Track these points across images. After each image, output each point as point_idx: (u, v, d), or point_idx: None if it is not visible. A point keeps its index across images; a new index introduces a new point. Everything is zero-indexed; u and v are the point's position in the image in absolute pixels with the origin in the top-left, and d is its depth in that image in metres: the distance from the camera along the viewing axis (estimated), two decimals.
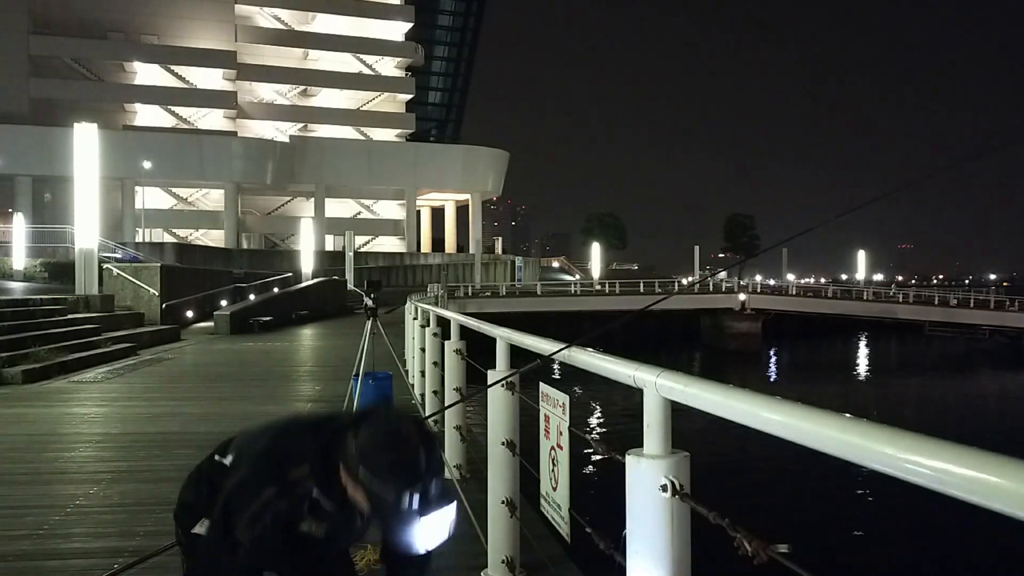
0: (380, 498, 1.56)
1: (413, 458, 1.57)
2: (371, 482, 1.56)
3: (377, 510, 1.59)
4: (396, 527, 1.58)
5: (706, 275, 55.68)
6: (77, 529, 4.16)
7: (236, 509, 1.64)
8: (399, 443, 1.59)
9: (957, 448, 0.90)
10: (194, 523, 1.84)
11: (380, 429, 1.62)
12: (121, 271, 18.51)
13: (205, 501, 1.81)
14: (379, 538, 1.90)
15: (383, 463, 1.56)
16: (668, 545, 1.52)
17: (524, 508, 3.34)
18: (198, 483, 1.91)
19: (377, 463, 1.56)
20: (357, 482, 1.59)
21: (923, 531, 10.10)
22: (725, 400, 1.38)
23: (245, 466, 1.72)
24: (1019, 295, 46.22)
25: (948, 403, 24.55)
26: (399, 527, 1.58)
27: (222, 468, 1.83)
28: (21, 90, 46.21)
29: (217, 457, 1.89)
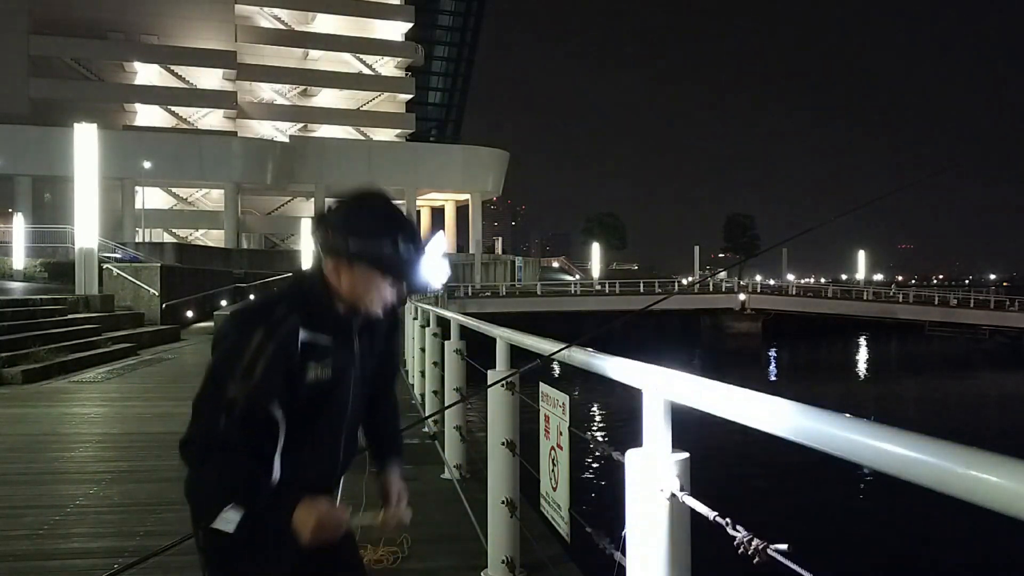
0: (379, 257, 1.60)
1: (388, 207, 1.66)
2: (365, 246, 1.60)
3: (378, 264, 1.61)
4: (406, 275, 1.63)
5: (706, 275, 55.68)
6: (77, 529, 4.16)
7: (225, 370, 1.57)
8: (369, 201, 1.66)
9: (957, 448, 0.90)
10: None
11: (346, 206, 1.66)
12: (121, 271, 18.52)
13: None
14: (378, 362, 1.83)
15: (367, 222, 1.62)
16: (668, 545, 1.52)
17: (524, 508, 3.34)
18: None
19: (362, 225, 1.61)
20: (351, 262, 1.62)
21: (923, 531, 10.10)
22: (725, 400, 1.38)
23: (223, 340, 1.64)
24: (1019, 295, 46.25)
25: (948, 403, 24.55)
26: (409, 274, 1.63)
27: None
28: (21, 90, 46.21)
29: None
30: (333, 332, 1.66)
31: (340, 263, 1.63)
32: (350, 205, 1.66)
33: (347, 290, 1.65)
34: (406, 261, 1.62)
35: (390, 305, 1.72)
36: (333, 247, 1.63)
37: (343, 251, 1.62)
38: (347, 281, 1.64)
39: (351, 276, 1.64)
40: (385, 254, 1.61)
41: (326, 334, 1.65)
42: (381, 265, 1.62)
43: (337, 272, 1.65)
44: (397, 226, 1.63)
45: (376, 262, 1.61)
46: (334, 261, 1.64)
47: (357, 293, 1.66)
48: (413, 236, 1.63)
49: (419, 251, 1.63)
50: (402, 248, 1.61)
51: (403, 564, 3.57)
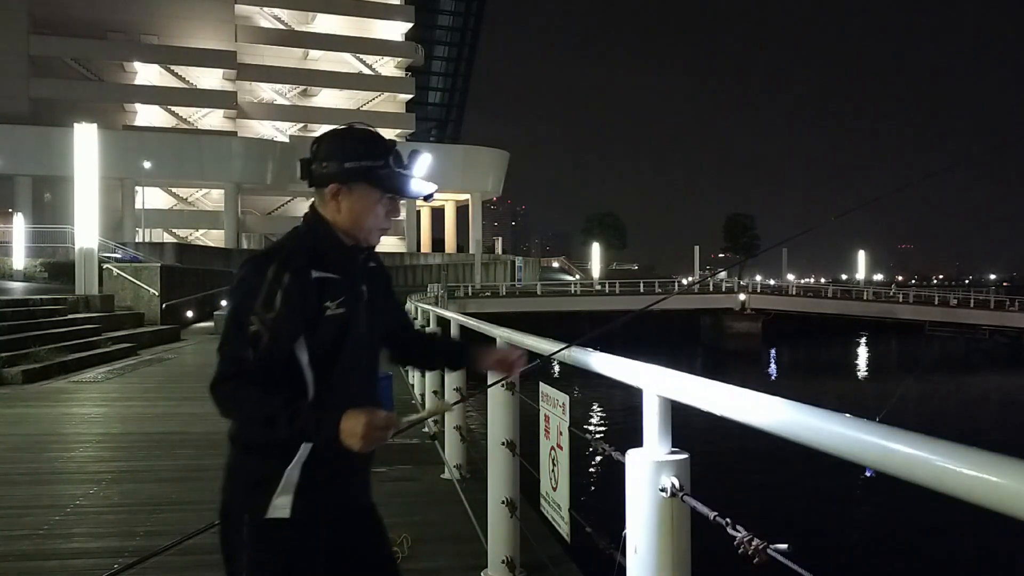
0: (375, 173, 1.70)
1: (371, 131, 1.77)
2: (359, 166, 1.69)
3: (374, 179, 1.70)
4: (400, 185, 1.72)
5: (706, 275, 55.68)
6: (77, 529, 4.16)
7: (245, 308, 1.61)
8: (353, 129, 1.77)
9: (957, 448, 0.90)
10: None
11: (332, 136, 1.76)
12: (121, 271, 18.52)
13: None
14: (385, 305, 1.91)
15: (358, 144, 1.72)
16: (668, 545, 1.52)
17: (524, 508, 3.34)
18: None
19: (353, 148, 1.71)
20: (348, 183, 1.70)
21: (923, 531, 10.10)
22: (725, 400, 1.38)
23: (239, 284, 1.67)
24: (1019, 295, 46.24)
25: (948, 403, 24.54)
26: (402, 186, 1.73)
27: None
28: (21, 90, 46.17)
29: None
30: (342, 270, 1.71)
31: (338, 190, 1.70)
32: (336, 134, 1.75)
33: (347, 217, 1.72)
34: (398, 174, 1.72)
35: (387, 228, 1.79)
36: (329, 174, 1.70)
37: (339, 175, 1.69)
38: (346, 206, 1.71)
39: (350, 199, 1.71)
40: (379, 170, 1.70)
41: (336, 272, 1.69)
42: (377, 180, 1.70)
43: (336, 200, 1.71)
44: (385, 145, 1.73)
45: (373, 178, 1.70)
46: (331, 190, 1.70)
47: (357, 217, 1.72)
48: (399, 153, 1.73)
49: (408, 166, 1.74)
50: (393, 163, 1.71)
51: (403, 564, 3.56)
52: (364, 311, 1.75)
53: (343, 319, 1.68)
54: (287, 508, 1.64)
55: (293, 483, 1.66)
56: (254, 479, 1.70)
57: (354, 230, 1.73)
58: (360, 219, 1.72)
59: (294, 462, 1.65)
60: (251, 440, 1.71)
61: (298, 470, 1.66)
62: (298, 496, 1.64)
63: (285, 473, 1.66)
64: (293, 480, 1.66)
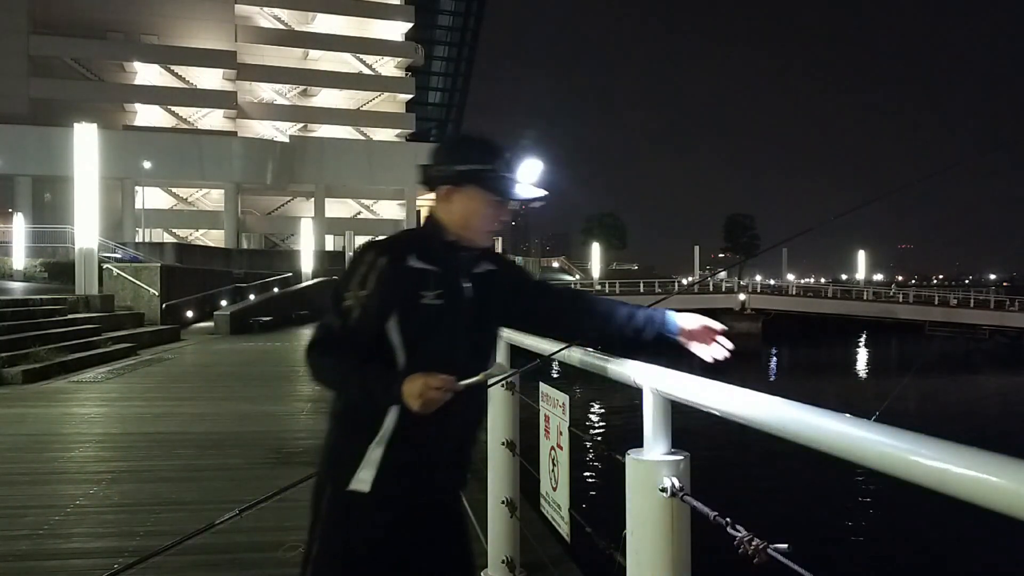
0: (485, 176, 1.79)
1: (487, 138, 1.86)
2: (471, 168, 1.79)
3: (485, 182, 1.79)
4: (508, 189, 1.81)
5: (706, 275, 55.67)
6: (77, 529, 4.16)
7: (344, 285, 1.76)
8: (471, 135, 1.90)
9: (957, 448, 0.90)
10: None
11: (450, 141, 1.90)
12: (121, 271, 18.51)
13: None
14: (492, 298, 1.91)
15: (472, 149, 1.83)
16: (668, 545, 1.52)
17: (524, 508, 3.34)
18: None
19: (468, 151, 1.82)
20: (460, 185, 1.80)
21: (923, 531, 10.10)
22: (725, 400, 1.38)
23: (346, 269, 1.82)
24: (1019, 295, 46.26)
25: (948, 403, 24.54)
26: (511, 190, 1.81)
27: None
28: (21, 90, 46.14)
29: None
30: (443, 264, 1.80)
31: (450, 191, 1.81)
32: (454, 139, 1.92)
33: (457, 217, 1.82)
34: (507, 179, 1.81)
35: (496, 230, 1.87)
36: (443, 176, 1.82)
37: (452, 176, 1.81)
38: (456, 208, 1.82)
39: (461, 200, 1.81)
40: (488, 174, 1.79)
41: (436, 266, 1.79)
42: (485, 183, 1.80)
43: (448, 201, 1.82)
44: (498, 151, 1.83)
45: (481, 181, 1.79)
46: (443, 191, 1.82)
47: (466, 218, 1.82)
48: (512, 159, 1.83)
49: (517, 171, 1.83)
50: (503, 168, 1.81)
51: None
52: (464, 306, 1.81)
53: (438, 309, 1.76)
54: (368, 483, 1.74)
55: (375, 460, 1.75)
56: (342, 454, 1.81)
57: (463, 230, 1.82)
58: (469, 220, 1.82)
59: (376, 439, 1.75)
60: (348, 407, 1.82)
61: (381, 448, 1.75)
62: (379, 473, 1.74)
63: (369, 449, 1.75)
64: (375, 457, 1.75)
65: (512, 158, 1.83)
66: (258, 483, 5.00)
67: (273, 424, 7.26)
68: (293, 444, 6.39)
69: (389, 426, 1.74)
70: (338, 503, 1.79)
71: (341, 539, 1.79)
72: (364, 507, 1.75)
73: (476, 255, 1.87)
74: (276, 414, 7.83)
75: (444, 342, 1.77)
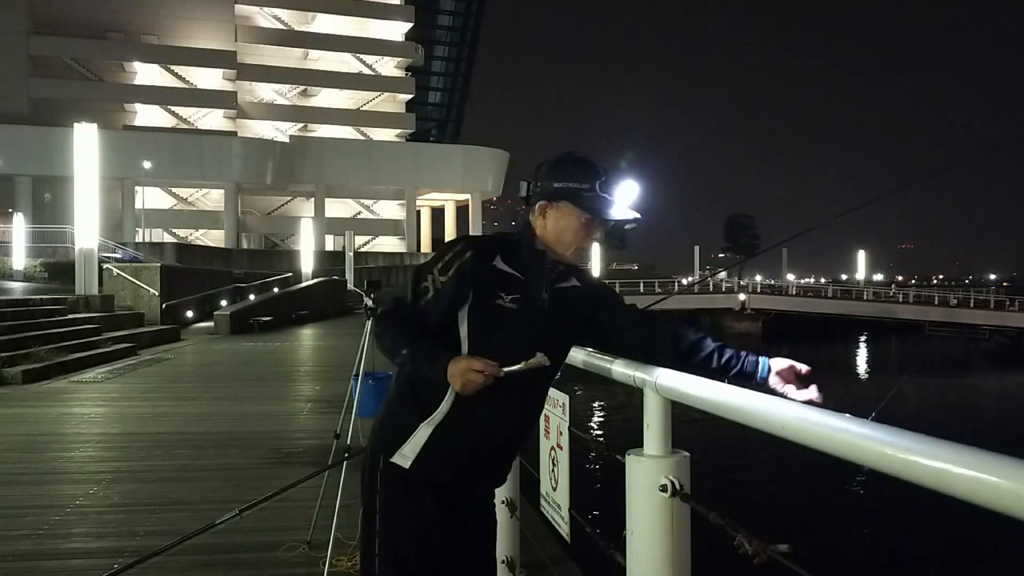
0: (579, 194, 1.83)
1: (589, 159, 1.90)
2: (567, 185, 1.84)
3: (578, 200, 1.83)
4: (600, 208, 1.84)
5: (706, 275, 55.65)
6: (77, 529, 4.16)
7: (427, 266, 1.84)
8: (573, 154, 1.92)
9: (957, 448, 0.90)
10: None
11: (554, 159, 1.92)
12: (121, 271, 18.51)
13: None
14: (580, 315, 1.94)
15: (571, 167, 1.87)
16: (668, 545, 1.52)
17: (524, 508, 3.34)
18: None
19: (566, 170, 1.87)
20: (554, 200, 1.85)
21: (923, 531, 10.10)
22: (725, 400, 1.38)
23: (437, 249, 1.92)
24: (1019, 295, 46.27)
25: (948, 403, 24.54)
26: (603, 210, 1.84)
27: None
28: (21, 90, 46.14)
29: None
30: (527, 272, 1.84)
31: (546, 205, 1.86)
32: (558, 158, 1.92)
33: (550, 232, 1.87)
34: (602, 199, 1.84)
35: (586, 250, 1.91)
36: (541, 191, 1.87)
37: (548, 192, 1.86)
38: (551, 223, 1.86)
39: (554, 215, 1.86)
40: (583, 192, 1.83)
41: (520, 272, 1.83)
42: (580, 201, 1.83)
43: (543, 214, 1.87)
44: (595, 171, 1.86)
45: (576, 199, 1.83)
46: (541, 205, 1.87)
47: (559, 233, 1.86)
48: (609, 180, 1.86)
49: (613, 192, 1.87)
50: (599, 188, 1.84)
51: None
52: (538, 316, 1.83)
53: (511, 313, 1.80)
54: (408, 459, 1.80)
55: (421, 440, 1.80)
56: (394, 426, 1.86)
57: (555, 244, 1.87)
58: (561, 235, 1.86)
59: (428, 420, 1.80)
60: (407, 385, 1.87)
61: (429, 429, 1.79)
62: (421, 453, 1.79)
63: (418, 427, 1.80)
64: (422, 437, 1.80)
65: (610, 179, 1.86)
66: (258, 483, 5.00)
67: (273, 424, 7.26)
68: (293, 444, 6.39)
69: (443, 409, 1.79)
70: (380, 474, 1.85)
71: (384, 506, 1.85)
72: (401, 482, 1.82)
73: (562, 270, 1.90)
74: (276, 414, 7.82)
75: (508, 344, 1.77)
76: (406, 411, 1.84)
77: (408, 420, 1.82)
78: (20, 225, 24.55)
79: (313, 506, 3.89)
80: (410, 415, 1.82)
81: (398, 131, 57.99)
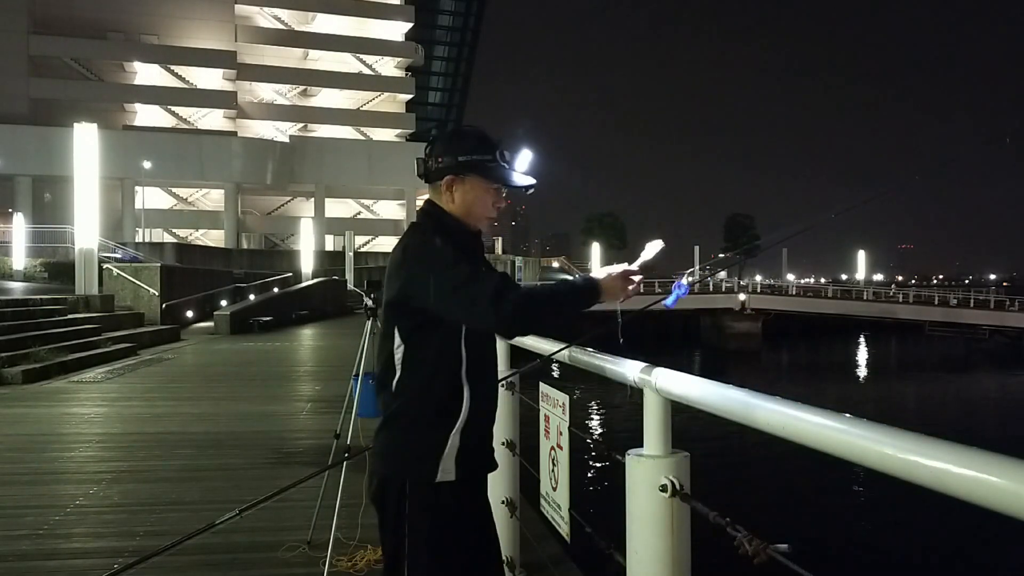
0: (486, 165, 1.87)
1: (482, 130, 1.93)
2: (472, 159, 1.87)
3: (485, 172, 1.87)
4: (506, 176, 1.89)
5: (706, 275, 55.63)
6: (77, 529, 4.16)
7: (442, 268, 1.78)
8: (467, 128, 1.96)
9: (957, 448, 0.90)
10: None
11: (447, 134, 1.95)
12: (121, 271, 18.50)
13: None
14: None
15: (471, 140, 1.90)
16: (668, 545, 1.52)
17: (524, 508, 3.34)
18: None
19: (468, 143, 1.89)
20: (463, 175, 1.87)
21: (923, 531, 10.10)
22: (725, 400, 1.38)
23: (424, 267, 1.84)
24: (1019, 295, 46.26)
25: (948, 403, 24.54)
26: (508, 178, 1.90)
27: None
28: (21, 90, 46.14)
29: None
30: (473, 253, 1.90)
31: (453, 181, 1.88)
32: (451, 133, 1.95)
33: (460, 206, 1.90)
34: (506, 168, 1.89)
35: (495, 217, 1.95)
36: (445, 167, 1.88)
37: (454, 167, 1.87)
38: (459, 196, 1.89)
39: (463, 190, 1.89)
40: (489, 163, 1.87)
41: (475, 254, 1.90)
42: (487, 172, 1.87)
43: (450, 191, 1.89)
44: (492, 142, 1.90)
45: (483, 170, 1.87)
46: (447, 182, 1.89)
47: (470, 206, 1.90)
48: (506, 149, 1.90)
49: (512, 161, 1.91)
50: (500, 158, 1.88)
51: None
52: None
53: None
54: (452, 472, 1.80)
55: (456, 447, 1.82)
56: (420, 448, 1.83)
57: (467, 217, 1.91)
58: (472, 207, 1.90)
59: (455, 429, 1.82)
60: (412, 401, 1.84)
61: (459, 436, 1.82)
62: (459, 459, 1.82)
63: (449, 438, 1.81)
64: (456, 445, 1.82)
65: (506, 149, 1.89)
66: (258, 483, 5.01)
67: (273, 424, 7.26)
68: (293, 444, 6.39)
69: (465, 410, 1.83)
70: (425, 497, 1.82)
71: (436, 529, 1.82)
72: (451, 494, 1.82)
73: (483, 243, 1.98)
74: (276, 414, 7.82)
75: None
76: (430, 431, 1.82)
77: (437, 438, 1.81)
78: (20, 225, 24.56)
79: (313, 506, 3.89)
80: (436, 433, 1.82)
81: (398, 131, 57.98)
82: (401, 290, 1.82)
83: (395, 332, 1.85)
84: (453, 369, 1.83)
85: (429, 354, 1.82)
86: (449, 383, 1.82)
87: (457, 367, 1.83)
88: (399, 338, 1.84)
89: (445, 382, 1.83)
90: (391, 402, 1.86)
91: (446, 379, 1.83)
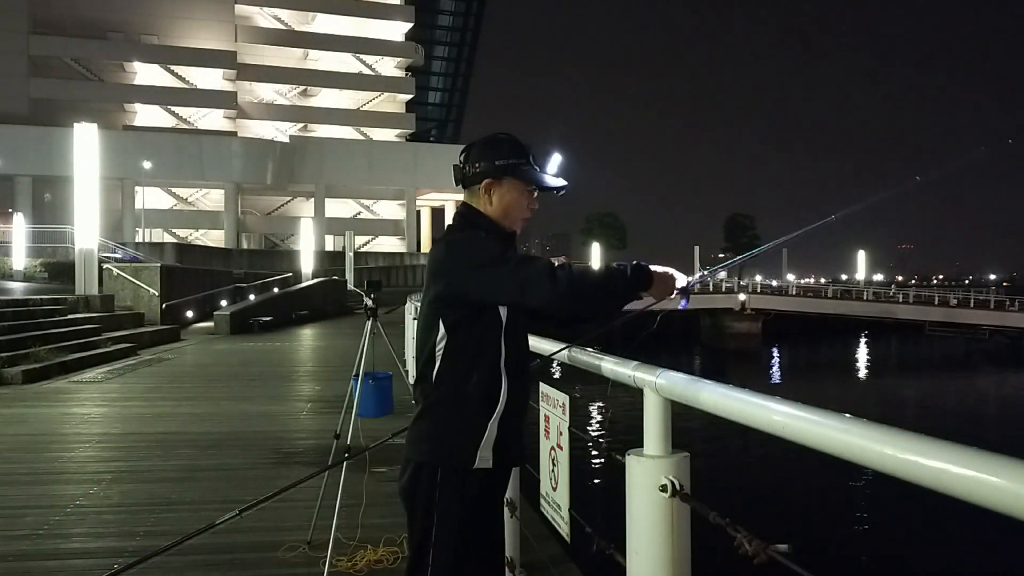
0: (522, 168, 1.99)
1: (514, 137, 2.04)
2: (510, 163, 1.98)
3: (522, 174, 1.99)
4: (541, 179, 2.01)
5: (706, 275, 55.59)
6: (77, 529, 4.16)
7: (490, 252, 1.88)
8: (501, 135, 2.05)
9: (957, 448, 0.90)
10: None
11: (482, 142, 2.04)
12: (121, 271, 18.50)
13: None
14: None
15: (507, 146, 2.01)
16: (668, 545, 1.52)
17: (524, 508, 3.34)
18: None
19: (504, 149, 2.00)
20: (500, 178, 1.98)
21: (923, 531, 10.10)
22: (725, 400, 1.38)
23: (462, 261, 1.91)
24: (1019, 295, 46.26)
25: (948, 403, 24.54)
26: (543, 181, 2.02)
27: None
28: (21, 90, 46.18)
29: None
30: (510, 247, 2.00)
31: (491, 184, 1.99)
32: (487, 140, 2.04)
33: (497, 208, 2.00)
34: (536, 171, 2.01)
35: (528, 218, 2.06)
36: (484, 172, 1.99)
37: (492, 171, 1.98)
38: (497, 199, 2.00)
39: (501, 192, 2.00)
40: (524, 166, 1.99)
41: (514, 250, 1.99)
42: (523, 175, 1.99)
43: (488, 194, 2.00)
44: (525, 147, 2.02)
45: (519, 173, 1.99)
46: (485, 185, 1.99)
47: (507, 207, 2.00)
48: (537, 154, 2.03)
49: (544, 164, 2.03)
50: (535, 161, 2.02)
51: (403, 564, 3.57)
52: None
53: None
54: (489, 460, 1.89)
55: (494, 436, 1.90)
56: (460, 435, 1.90)
57: (503, 219, 2.01)
58: (509, 208, 2.01)
59: (494, 417, 1.90)
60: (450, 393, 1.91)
61: (497, 425, 1.90)
62: (496, 447, 1.90)
63: (488, 426, 1.89)
64: (494, 433, 1.90)
65: (537, 152, 2.02)
66: (258, 483, 5.01)
67: (273, 424, 7.26)
68: (293, 444, 6.39)
69: (503, 399, 1.90)
70: (461, 483, 1.88)
71: (460, 517, 1.88)
72: (486, 481, 1.91)
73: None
74: (276, 414, 7.82)
75: (524, 320, 2.02)
76: (471, 418, 1.90)
77: (476, 426, 1.89)
78: (20, 225, 24.55)
79: (313, 506, 3.89)
80: (476, 420, 1.90)
81: (398, 131, 58.00)
82: (450, 284, 1.89)
83: (439, 324, 1.90)
84: (494, 360, 1.91)
85: (472, 345, 1.89)
86: (490, 373, 1.90)
87: (497, 359, 1.91)
88: (443, 329, 1.90)
89: (486, 372, 1.90)
90: (430, 392, 1.93)
91: (487, 369, 1.90)
